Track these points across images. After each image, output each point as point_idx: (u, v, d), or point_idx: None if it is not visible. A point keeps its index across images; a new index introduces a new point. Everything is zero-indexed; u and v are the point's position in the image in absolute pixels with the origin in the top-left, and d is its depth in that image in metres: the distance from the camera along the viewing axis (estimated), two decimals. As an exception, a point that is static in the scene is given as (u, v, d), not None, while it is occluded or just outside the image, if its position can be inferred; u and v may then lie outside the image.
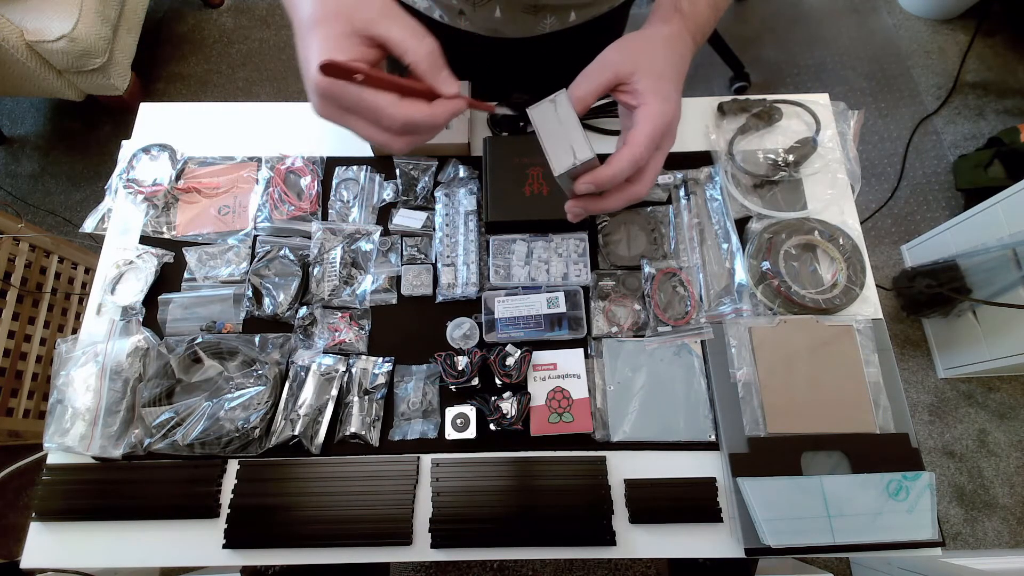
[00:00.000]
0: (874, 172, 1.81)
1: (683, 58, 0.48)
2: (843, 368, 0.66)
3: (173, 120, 0.82)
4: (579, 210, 0.49)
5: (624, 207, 0.48)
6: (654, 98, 0.44)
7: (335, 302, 0.71)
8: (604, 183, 0.44)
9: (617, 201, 0.47)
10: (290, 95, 1.95)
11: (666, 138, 0.46)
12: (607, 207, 0.48)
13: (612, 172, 0.43)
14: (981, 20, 1.85)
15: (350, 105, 0.39)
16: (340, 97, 0.39)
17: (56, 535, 0.63)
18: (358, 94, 0.38)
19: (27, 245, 1.28)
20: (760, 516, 0.59)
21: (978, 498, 1.46)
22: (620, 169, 0.43)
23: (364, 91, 0.38)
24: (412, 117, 0.39)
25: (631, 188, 0.46)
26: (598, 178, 0.44)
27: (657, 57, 0.46)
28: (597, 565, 1.41)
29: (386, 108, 0.38)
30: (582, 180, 0.44)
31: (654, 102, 0.44)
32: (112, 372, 0.66)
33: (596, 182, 0.44)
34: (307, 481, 0.63)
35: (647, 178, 0.46)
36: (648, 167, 0.46)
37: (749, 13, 2.08)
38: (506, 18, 0.67)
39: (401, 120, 0.39)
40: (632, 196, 0.47)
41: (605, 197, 0.47)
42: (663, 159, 0.47)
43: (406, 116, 0.39)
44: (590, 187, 0.44)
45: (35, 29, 1.48)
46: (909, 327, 1.63)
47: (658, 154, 0.46)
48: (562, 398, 0.66)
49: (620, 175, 0.44)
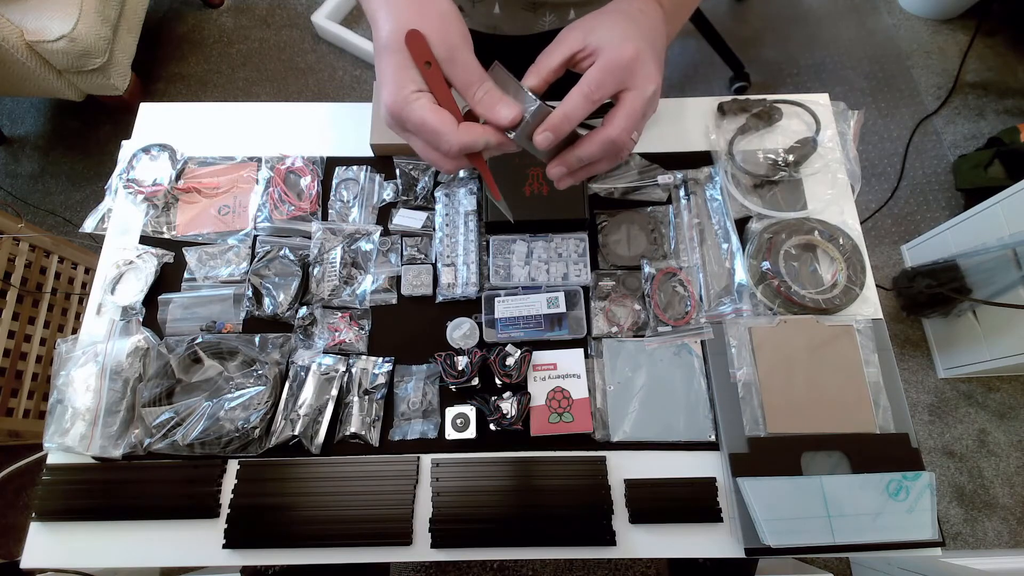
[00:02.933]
0: (874, 172, 1.81)
1: (644, 14, 0.46)
2: (843, 368, 0.66)
3: (173, 120, 0.82)
4: (560, 170, 0.46)
5: (606, 158, 0.46)
6: (607, 43, 0.43)
7: (335, 302, 0.71)
8: (557, 126, 0.42)
9: (592, 148, 0.44)
10: (290, 95, 1.95)
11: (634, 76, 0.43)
12: (582, 156, 0.45)
13: (562, 111, 0.42)
14: (981, 20, 1.85)
15: (414, 128, 0.42)
16: (406, 120, 0.42)
17: (56, 535, 0.63)
18: (421, 118, 0.41)
19: (27, 245, 1.28)
20: (760, 516, 0.59)
21: (978, 498, 1.46)
22: (570, 107, 0.42)
23: (427, 115, 0.41)
24: (466, 140, 0.41)
25: (603, 132, 0.43)
26: (551, 123, 0.42)
27: (612, 17, 0.45)
28: (597, 565, 1.41)
29: (445, 132, 0.41)
30: (538, 131, 0.42)
31: (608, 45, 0.42)
32: (112, 372, 0.66)
33: (550, 127, 0.42)
34: (307, 481, 0.63)
35: (618, 120, 0.43)
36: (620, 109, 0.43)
37: (749, 13, 2.08)
38: (505, 15, 0.68)
39: (458, 145, 0.41)
40: (606, 141, 0.43)
41: (578, 147, 0.45)
42: (640, 101, 0.43)
43: (463, 142, 0.41)
44: (548, 136, 0.42)
45: (35, 29, 1.48)
46: (909, 327, 1.63)
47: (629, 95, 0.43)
48: (562, 398, 0.66)
49: (571, 114, 0.42)
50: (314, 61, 2.00)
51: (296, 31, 2.04)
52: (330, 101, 1.23)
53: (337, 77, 1.98)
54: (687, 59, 2.00)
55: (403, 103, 0.41)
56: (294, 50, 2.02)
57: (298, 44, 2.02)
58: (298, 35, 2.04)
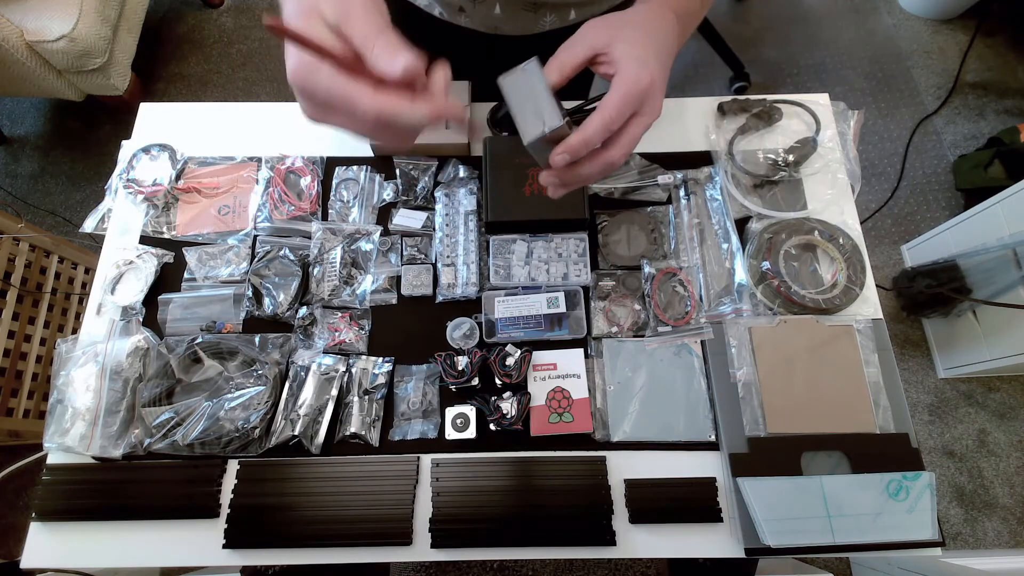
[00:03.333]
0: (874, 172, 1.81)
1: (662, 31, 0.48)
2: (843, 368, 0.66)
3: (173, 120, 0.82)
4: (554, 180, 0.47)
5: (600, 175, 0.47)
6: (628, 63, 0.44)
7: (335, 302, 0.71)
8: (576, 150, 0.43)
9: (591, 168, 0.45)
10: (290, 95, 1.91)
11: (645, 104, 0.44)
12: (582, 174, 0.46)
13: (582, 137, 0.42)
14: (981, 20, 1.85)
15: (325, 99, 0.37)
16: (314, 91, 0.37)
17: (56, 535, 0.63)
18: (329, 85, 0.36)
19: (27, 245, 1.28)
20: (760, 516, 0.59)
21: (978, 498, 1.46)
22: (590, 133, 0.42)
23: (336, 82, 0.36)
24: (385, 109, 0.36)
25: (605, 154, 0.45)
26: (570, 145, 0.43)
27: (634, 29, 0.46)
28: (597, 565, 1.41)
29: (359, 100, 0.36)
30: (555, 151, 0.43)
31: (628, 67, 0.43)
32: (112, 372, 0.66)
33: (568, 150, 0.43)
34: (307, 481, 0.63)
35: (621, 144, 0.45)
36: (623, 133, 0.44)
37: (749, 13, 2.08)
38: (506, 15, 0.68)
39: (374, 112, 0.36)
40: (606, 163, 0.45)
41: (579, 165, 0.45)
42: (642, 127, 0.45)
43: (379, 108, 0.36)
44: (564, 157, 0.43)
45: (35, 29, 1.48)
46: (909, 327, 1.63)
47: (636, 120, 0.45)
48: (562, 398, 0.66)
49: (591, 140, 0.43)
50: (314, 61, 2.00)
51: (296, 31, 2.04)
52: (330, 101, 1.23)
53: (337, 77, 1.97)
54: (687, 59, 2.00)
55: (308, 67, 0.36)
56: (294, 50, 2.01)
57: (298, 44, 2.02)
58: (298, 35, 2.04)
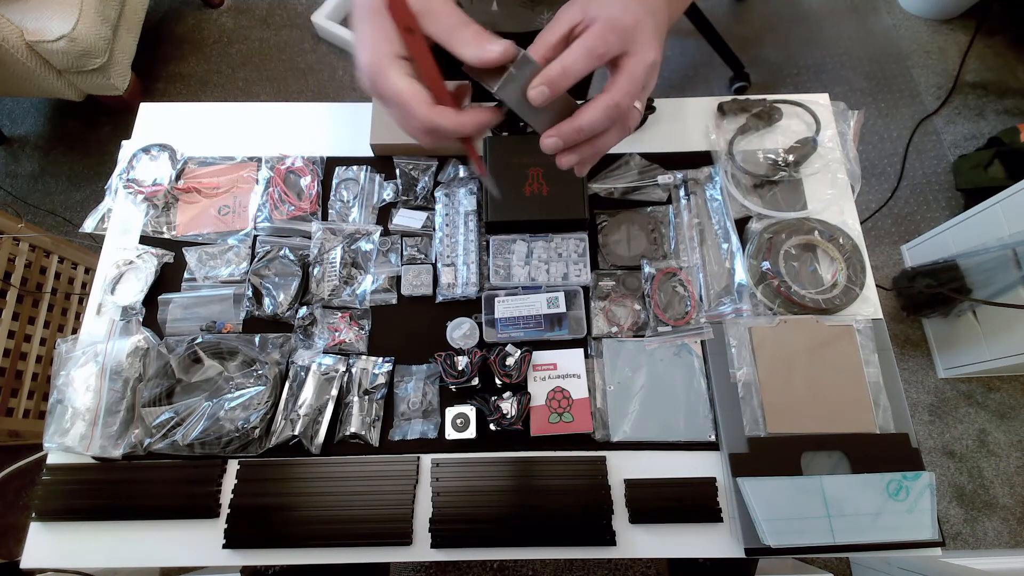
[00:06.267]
0: (874, 172, 1.81)
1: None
2: (843, 368, 0.66)
3: (173, 120, 0.82)
4: (554, 141, 0.43)
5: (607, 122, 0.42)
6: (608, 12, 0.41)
7: (335, 302, 0.71)
8: (554, 80, 0.40)
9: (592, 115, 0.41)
10: (290, 95, 1.95)
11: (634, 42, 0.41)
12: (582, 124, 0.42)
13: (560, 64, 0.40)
14: (981, 20, 1.85)
15: (387, 97, 0.41)
16: (381, 89, 0.41)
17: (56, 535, 0.63)
18: (395, 90, 0.40)
19: (27, 245, 1.28)
20: (760, 516, 0.59)
21: (978, 498, 1.46)
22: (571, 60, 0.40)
23: (401, 85, 0.40)
24: (435, 122, 0.40)
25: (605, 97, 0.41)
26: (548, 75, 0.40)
27: None
28: (597, 565, 1.41)
29: (415, 108, 0.40)
30: (532, 85, 0.40)
31: (608, 14, 0.41)
32: (112, 372, 0.66)
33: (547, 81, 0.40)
34: (307, 481, 0.63)
35: (620, 86, 0.41)
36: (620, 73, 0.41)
37: (749, 13, 2.08)
38: (503, 12, 0.68)
39: (425, 123, 0.40)
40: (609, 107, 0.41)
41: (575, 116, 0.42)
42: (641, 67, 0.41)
43: (429, 120, 0.40)
44: (543, 90, 0.40)
45: (35, 29, 1.48)
46: (909, 327, 1.63)
47: (629, 59, 0.41)
48: (562, 398, 0.66)
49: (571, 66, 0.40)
50: (314, 61, 2.00)
51: (296, 31, 2.04)
52: (330, 101, 1.23)
53: (337, 77, 1.98)
54: (687, 59, 2.00)
55: (379, 67, 0.40)
56: (294, 50, 2.02)
57: (298, 44, 2.02)
58: (298, 35, 2.04)
